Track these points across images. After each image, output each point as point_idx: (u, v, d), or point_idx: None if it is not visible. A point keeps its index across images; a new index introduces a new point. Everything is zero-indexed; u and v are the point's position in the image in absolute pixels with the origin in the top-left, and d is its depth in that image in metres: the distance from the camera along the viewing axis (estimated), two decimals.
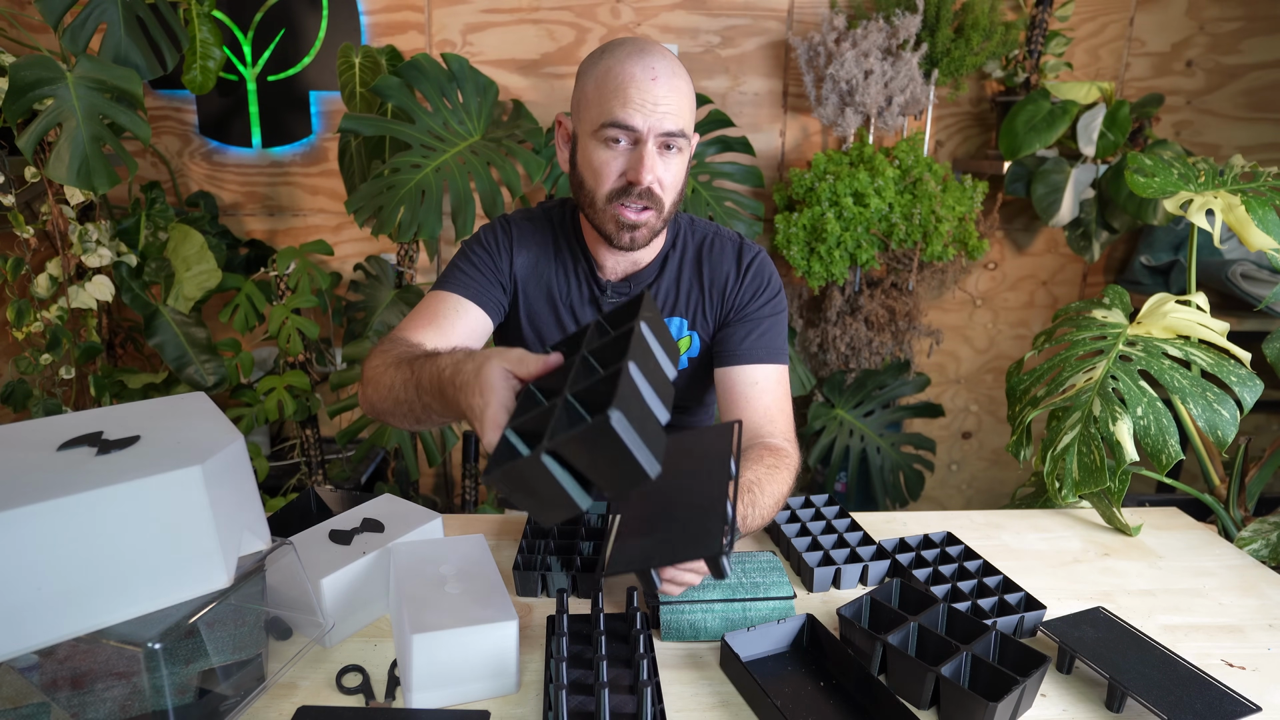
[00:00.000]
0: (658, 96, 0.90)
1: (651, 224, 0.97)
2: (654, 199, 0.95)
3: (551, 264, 1.09)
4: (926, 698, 0.72)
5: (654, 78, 0.91)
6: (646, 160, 0.92)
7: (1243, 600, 0.93)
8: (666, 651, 0.82)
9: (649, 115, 0.91)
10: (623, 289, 1.08)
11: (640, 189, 0.93)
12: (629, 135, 0.92)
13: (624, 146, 0.93)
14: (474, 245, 1.10)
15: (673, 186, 0.97)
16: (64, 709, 0.64)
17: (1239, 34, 2.27)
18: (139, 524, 0.62)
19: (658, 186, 0.94)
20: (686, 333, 1.11)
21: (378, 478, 2.14)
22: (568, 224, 1.10)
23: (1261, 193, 1.19)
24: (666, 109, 0.91)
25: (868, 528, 1.06)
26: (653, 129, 0.91)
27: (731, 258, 1.10)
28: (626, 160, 0.93)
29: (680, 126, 0.93)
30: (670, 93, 0.91)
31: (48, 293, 1.80)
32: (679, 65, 0.95)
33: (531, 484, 0.60)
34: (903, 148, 2.05)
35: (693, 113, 0.96)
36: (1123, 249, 2.42)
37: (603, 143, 0.94)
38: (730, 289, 1.10)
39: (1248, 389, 1.04)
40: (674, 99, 0.92)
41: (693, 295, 1.10)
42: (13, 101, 1.45)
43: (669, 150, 0.94)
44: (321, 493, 1.08)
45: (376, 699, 0.74)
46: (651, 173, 0.92)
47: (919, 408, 2.28)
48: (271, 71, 2.14)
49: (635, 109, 0.90)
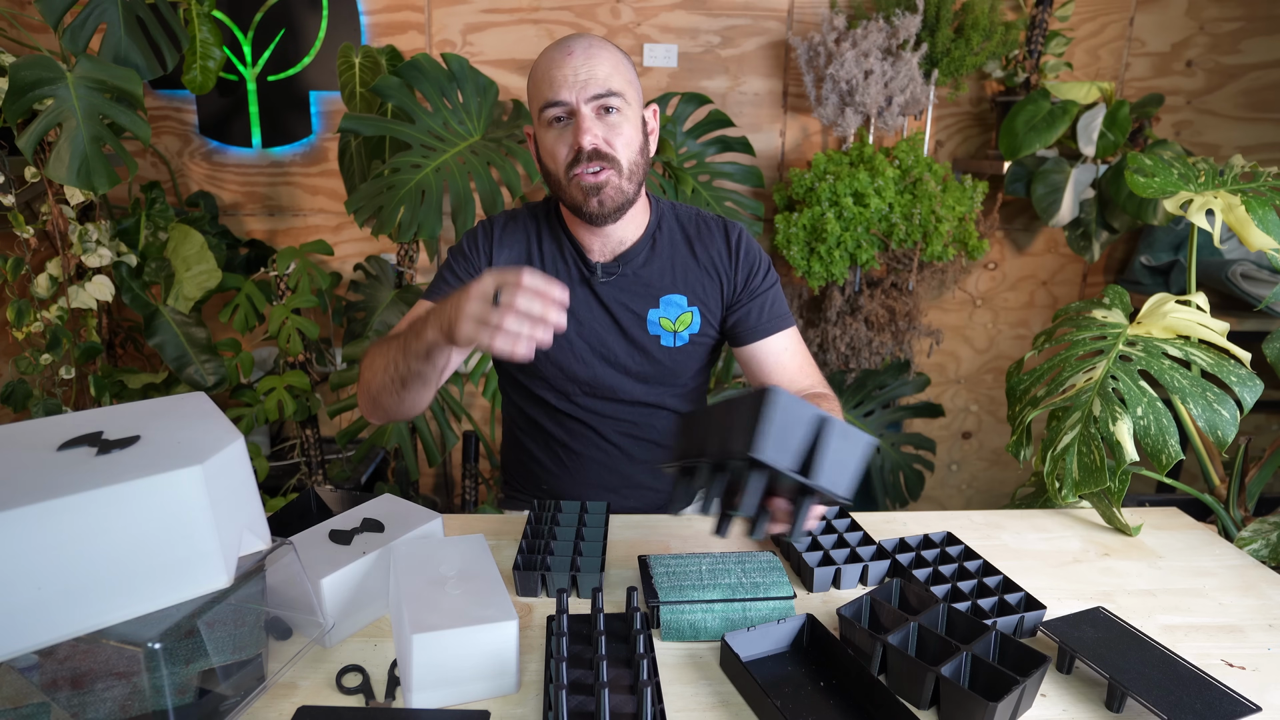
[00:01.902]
0: (576, 68, 0.99)
1: (615, 183, 1.03)
2: (606, 158, 1.01)
3: (538, 254, 1.15)
4: (926, 698, 0.72)
5: (569, 53, 1.00)
6: (584, 124, 0.99)
7: (1243, 600, 0.93)
8: (666, 651, 0.82)
9: (572, 87, 0.99)
10: (612, 269, 1.13)
11: (586, 152, 1.00)
12: (564, 109, 1.00)
13: (564, 123, 1.02)
14: (456, 254, 1.17)
15: (626, 145, 1.03)
16: (64, 709, 0.64)
17: (1239, 34, 2.27)
18: (139, 524, 0.62)
19: (605, 146, 1.01)
20: (688, 308, 1.16)
21: (378, 478, 2.14)
22: (552, 215, 1.16)
23: (1261, 193, 1.19)
24: (588, 76, 0.99)
25: (868, 528, 1.06)
26: (580, 97, 0.99)
27: (720, 237, 1.17)
28: (570, 133, 1.01)
29: (607, 88, 1.00)
30: (587, 61, 0.99)
31: (48, 293, 1.80)
32: (600, 40, 1.03)
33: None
34: (903, 148, 2.05)
35: (624, 75, 1.03)
36: (1123, 249, 2.42)
37: (548, 126, 1.03)
38: (726, 269, 1.16)
39: (1248, 389, 1.04)
40: (593, 65, 0.99)
41: (690, 272, 1.16)
42: (13, 101, 1.45)
43: (608, 112, 1.01)
44: (321, 493, 1.08)
45: (376, 699, 0.74)
46: (589, 133, 1.00)
47: (919, 408, 2.28)
48: (271, 71, 2.14)
49: (560, 85, 0.99)
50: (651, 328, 1.15)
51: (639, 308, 1.14)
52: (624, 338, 1.15)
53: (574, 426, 1.20)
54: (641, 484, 1.25)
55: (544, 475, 1.25)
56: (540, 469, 1.25)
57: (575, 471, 1.23)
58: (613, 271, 1.13)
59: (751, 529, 0.75)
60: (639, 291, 1.14)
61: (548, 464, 1.24)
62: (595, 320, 1.14)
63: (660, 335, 1.15)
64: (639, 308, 1.14)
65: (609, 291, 1.13)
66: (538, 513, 1.03)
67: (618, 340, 1.15)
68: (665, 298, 1.15)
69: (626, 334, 1.15)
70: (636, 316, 1.14)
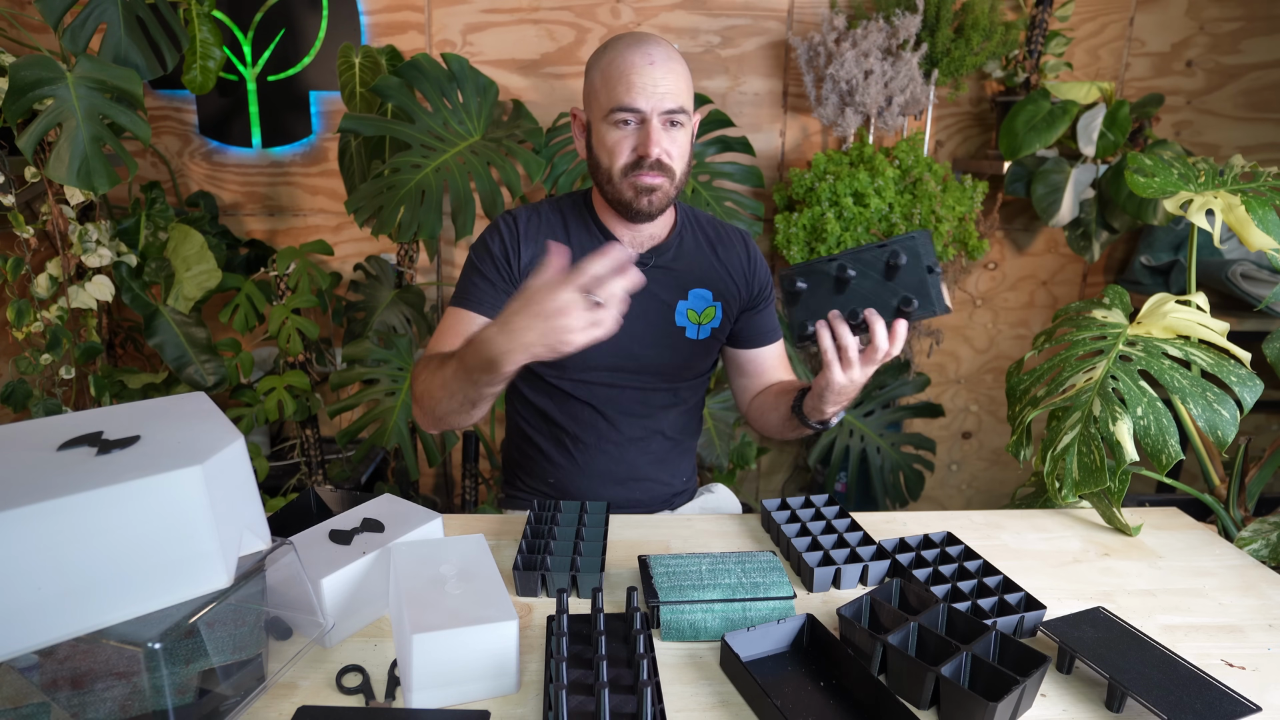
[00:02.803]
0: (657, 79, 1.02)
1: (665, 189, 1.07)
2: (664, 168, 1.06)
3: (568, 245, 1.14)
4: (926, 698, 0.72)
5: (651, 63, 1.02)
6: (654, 135, 1.03)
7: (1243, 600, 0.93)
8: (666, 651, 0.82)
9: (650, 97, 1.02)
10: (646, 259, 1.16)
11: (651, 160, 1.04)
12: (635, 116, 1.04)
13: (632, 127, 1.05)
14: (483, 253, 1.16)
15: (680, 157, 1.08)
16: (64, 709, 0.64)
17: (1239, 34, 2.27)
18: (139, 524, 0.62)
19: (666, 157, 1.05)
20: (713, 303, 1.20)
21: (378, 478, 2.14)
22: (580, 208, 1.18)
23: (1261, 193, 1.19)
24: (666, 89, 1.02)
25: (868, 528, 1.06)
26: (655, 108, 1.03)
27: (740, 244, 1.24)
28: (636, 138, 1.05)
29: (680, 104, 1.04)
30: (667, 74, 1.03)
31: (48, 293, 1.80)
32: (674, 51, 1.06)
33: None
34: (903, 148, 2.05)
35: (690, 92, 1.07)
36: (1123, 249, 2.42)
37: (614, 125, 1.05)
38: (745, 273, 1.23)
39: (1248, 389, 1.04)
40: (671, 80, 1.03)
41: (715, 270, 1.21)
42: (13, 101, 1.45)
43: (673, 126, 1.06)
44: (321, 493, 1.08)
45: (376, 699, 0.74)
46: (659, 145, 1.04)
47: (919, 408, 2.28)
48: (271, 71, 2.14)
49: (638, 93, 1.02)
50: (679, 318, 1.19)
51: (669, 298, 1.18)
52: (652, 327, 1.18)
53: (584, 416, 1.21)
54: (648, 476, 1.25)
55: (550, 468, 1.25)
56: (546, 461, 1.25)
57: (583, 463, 1.23)
58: (646, 262, 1.15)
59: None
60: (669, 283, 1.17)
61: (555, 456, 1.24)
62: (628, 307, 1.14)
63: (686, 327, 1.19)
64: (669, 298, 1.18)
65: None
66: (538, 513, 1.03)
67: (646, 329, 1.17)
68: (694, 291, 1.19)
69: (655, 323, 1.18)
70: (666, 306, 1.18)
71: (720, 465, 2.08)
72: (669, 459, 1.28)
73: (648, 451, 1.25)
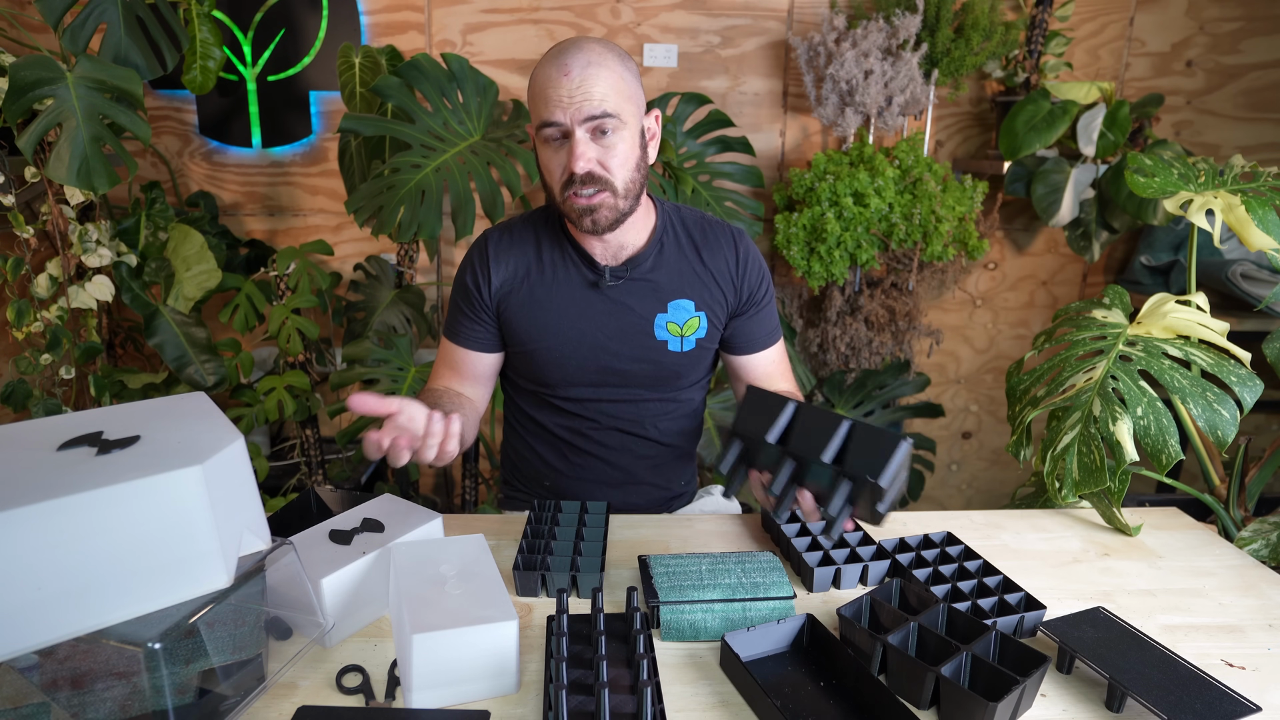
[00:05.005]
0: (571, 89, 0.96)
1: (609, 204, 1.02)
2: (599, 180, 1.00)
3: (538, 263, 1.15)
4: (926, 698, 0.72)
5: (566, 74, 0.97)
6: (576, 149, 0.98)
7: (1243, 600, 0.93)
8: (666, 651, 0.82)
9: (567, 108, 0.97)
10: (621, 272, 1.13)
11: (579, 176, 0.99)
12: (559, 130, 0.99)
13: (560, 143, 1.00)
14: (459, 287, 1.18)
15: (621, 164, 1.01)
16: (64, 709, 0.64)
17: (1239, 34, 2.27)
18: (139, 524, 0.62)
19: (598, 168, 1.00)
20: (695, 313, 1.16)
21: (378, 478, 2.13)
22: (554, 222, 1.15)
23: (1261, 193, 1.19)
24: (583, 97, 0.96)
25: (868, 528, 1.06)
26: (574, 118, 0.97)
27: (728, 246, 1.17)
28: (564, 153, 1.00)
29: (603, 109, 0.97)
30: (584, 81, 0.97)
31: (48, 293, 1.80)
32: (600, 53, 0.99)
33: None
34: (903, 148, 2.05)
35: (628, 93, 1.01)
36: (1123, 249, 2.42)
37: (545, 143, 1.02)
38: (734, 276, 1.17)
39: (1248, 389, 1.04)
40: (589, 86, 0.97)
41: (698, 278, 1.16)
42: (13, 101, 1.45)
43: (603, 134, 0.99)
44: (321, 493, 1.08)
45: (376, 699, 0.74)
46: (583, 159, 0.98)
47: (919, 408, 2.28)
48: (271, 71, 2.14)
49: (555, 105, 0.97)
50: (659, 332, 1.14)
51: (646, 311, 1.14)
52: (629, 342, 1.14)
53: (578, 425, 1.21)
54: (644, 480, 1.25)
55: (546, 472, 1.25)
56: (543, 465, 1.25)
57: (579, 468, 1.23)
58: (621, 275, 1.12)
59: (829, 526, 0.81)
60: (646, 295, 1.14)
61: (551, 461, 1.24)
62: (602, 324, 1.13)
63: (667, 340, 1.15)
64: (646, 311, 1.14)
65: (617, 294, 1.13)
66: (538, 513, 1.03)
67: (624, 344, 1.14)
68: (673, 302, 1.14)
69: (632, 338, 1.14)
70: (644, 320, 1.14)
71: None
72: (666, 464, 1.27)
73: (644, 458, 1.23)
